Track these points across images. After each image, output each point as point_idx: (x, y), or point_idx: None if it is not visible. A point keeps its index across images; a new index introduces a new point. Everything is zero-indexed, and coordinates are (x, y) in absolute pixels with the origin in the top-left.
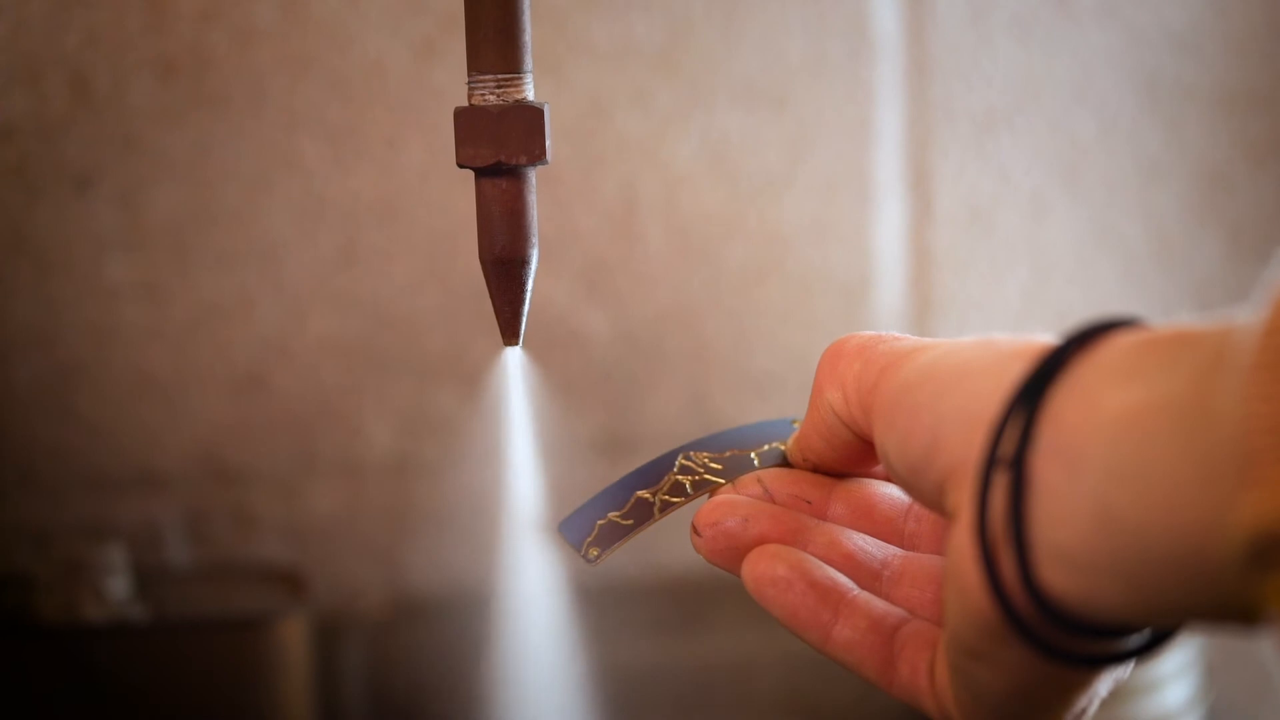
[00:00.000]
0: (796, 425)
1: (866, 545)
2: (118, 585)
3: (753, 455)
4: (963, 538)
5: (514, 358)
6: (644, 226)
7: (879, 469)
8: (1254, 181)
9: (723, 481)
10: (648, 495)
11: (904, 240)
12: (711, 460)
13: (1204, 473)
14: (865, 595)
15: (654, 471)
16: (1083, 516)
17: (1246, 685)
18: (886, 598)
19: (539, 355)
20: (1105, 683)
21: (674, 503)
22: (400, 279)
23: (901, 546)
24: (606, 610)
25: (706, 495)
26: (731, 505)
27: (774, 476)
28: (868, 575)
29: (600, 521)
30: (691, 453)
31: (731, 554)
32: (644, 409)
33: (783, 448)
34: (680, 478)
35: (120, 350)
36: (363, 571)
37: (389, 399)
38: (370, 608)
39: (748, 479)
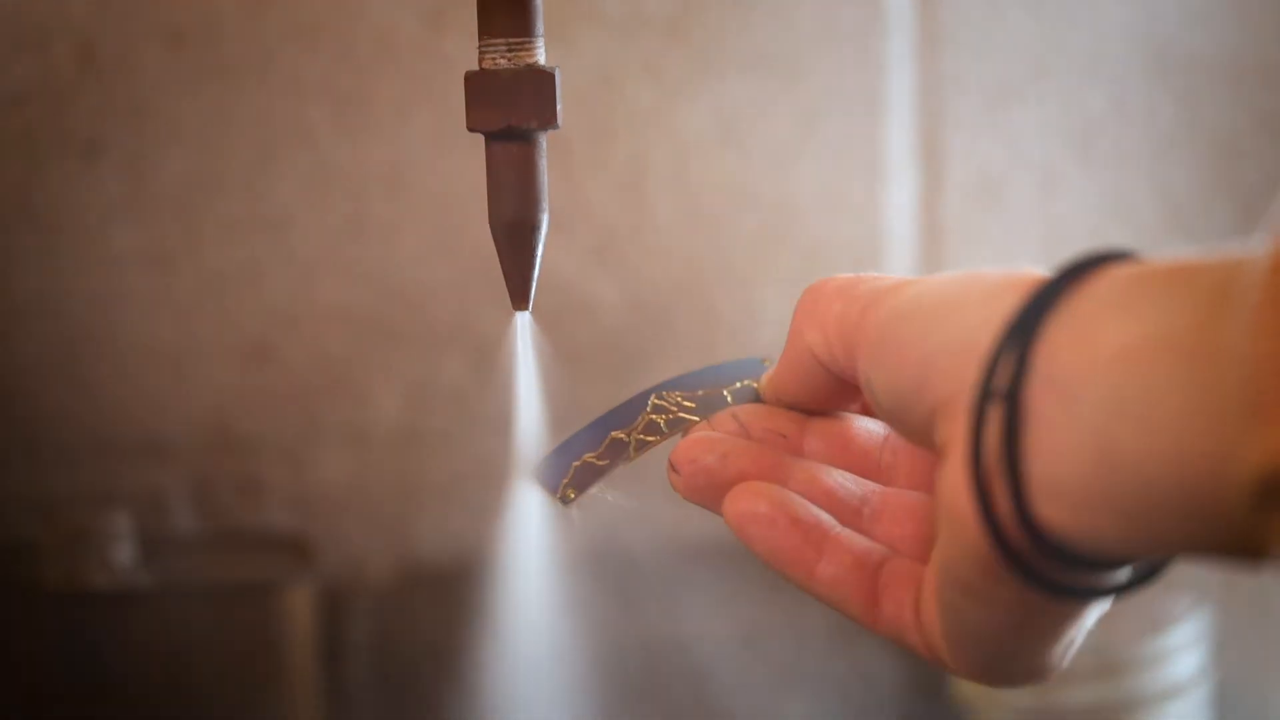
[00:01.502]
0: (767, 364)
1: (846, 482)
2: (123, 553)
3: (726, 394)
4: (956, 471)
5: (523, 324)
6: (654, 196)
7: (855, 406)
8: (1266, 153)
9: (697, 419)
10: (622, 435)
11: (914, 212)
12: (685, 399)
13: (1208, 410)
14: (848, 532)
15: (627, 412)
16: (1079, 451)
17: (1255, 658)
18: (867, 534)
19: (548, 324)
20: (1094, 614)
21: (649, 441)
22: (409, 248)
23: (879, 479)
24: (614, 579)
25: (681, 433)
26: (709, 442)
27: (749, 412)
28: (848, 511)
29: (575, 464)
30: (664, 392)
31: (710, 491)
32: (652, 378)
33: (755, 385)
34: (654, 417)
35: (127, 319)
36: (369, 540)
37: (397, 368)
38: (376, 576)
39: (723, 415)
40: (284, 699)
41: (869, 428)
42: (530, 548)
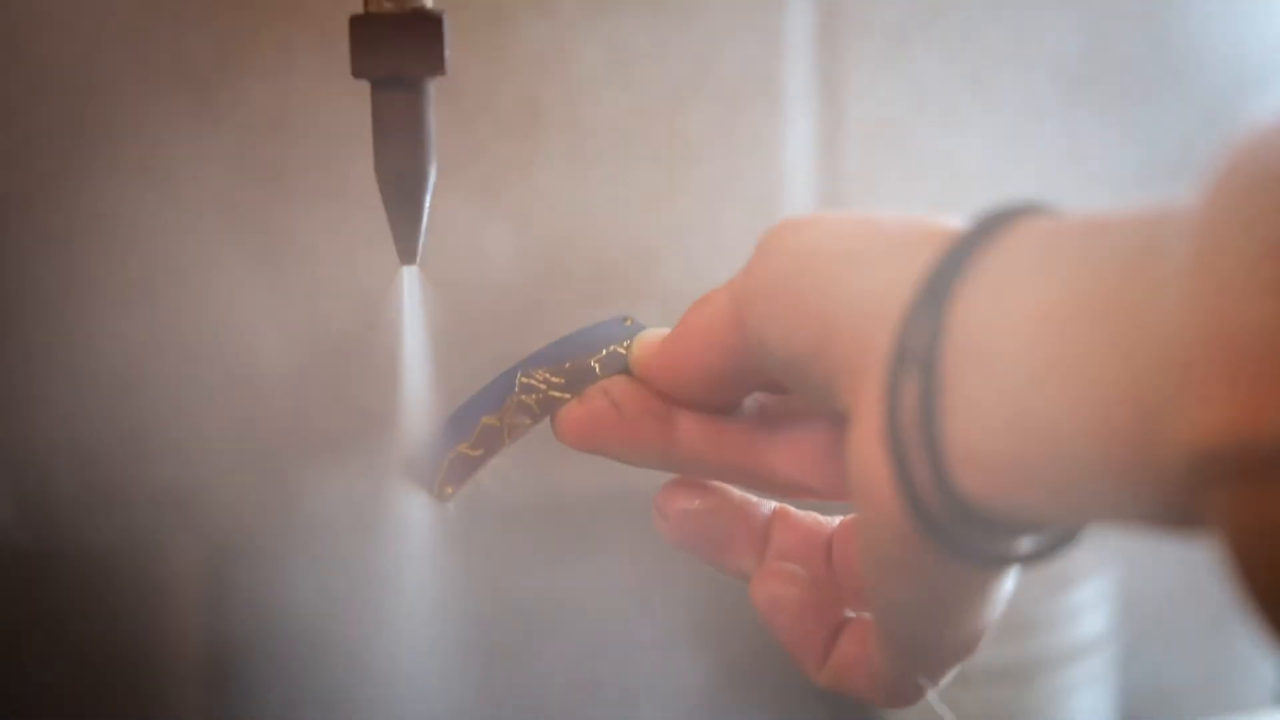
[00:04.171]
0: (629, 324)
1: (816, 522)
2: (1, 511)
3: (594, 364)
4: (869, 442)
5: (411, 277)
6: (546, 139)
7: (724, 402)
8: (1173, 94)
9: (568, 396)
10: (494, 421)
11: (814, 152)
12: (552, 375)
13: (1132, 381)
14: (860, 616)
15: (495, 394)
16: (998, 420)
17: (1160, 618)
18: (838, 577)
19: (435, 272)
20: (1011, 579)
21: (522, 424)
22: (294, 193)
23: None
24: (501, 535)
25: (552, 415)
26: (695, 490)
27: (621, 390)
28: (821, 555)
29: (449, 456)
30: (531, 369)
31: (699, 544)
32: (544, 326)
33: (622, 351)
34: (524, 398)
35: (2, 265)
36: (253, 495)
37: (283, 317)
38: (260, 532)
39: (595, 392)
40: (168, 656)
41: (742, 404)
42: (420, 505)
